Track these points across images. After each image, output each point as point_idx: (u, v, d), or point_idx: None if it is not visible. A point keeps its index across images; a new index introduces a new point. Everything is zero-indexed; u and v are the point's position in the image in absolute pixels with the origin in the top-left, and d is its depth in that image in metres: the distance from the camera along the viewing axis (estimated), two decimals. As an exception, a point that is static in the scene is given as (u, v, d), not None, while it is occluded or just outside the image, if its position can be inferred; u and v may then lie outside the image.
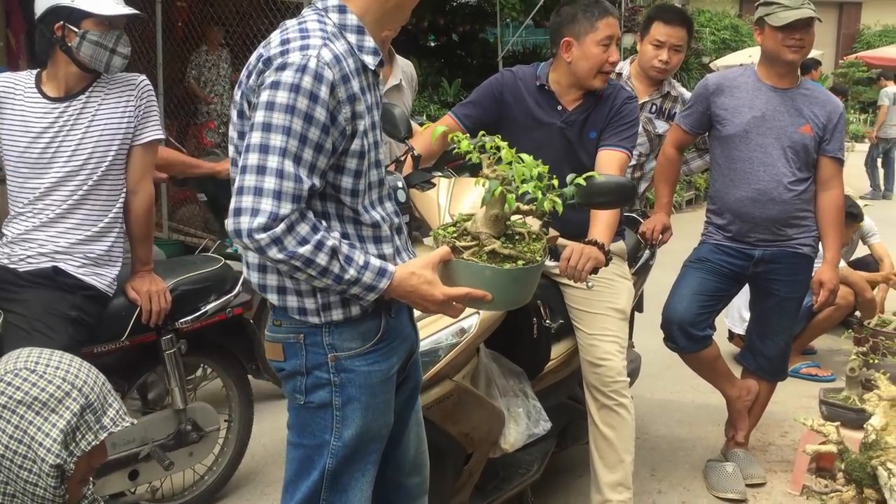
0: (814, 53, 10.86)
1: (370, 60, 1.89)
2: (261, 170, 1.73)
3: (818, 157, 3.41)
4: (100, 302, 2.79)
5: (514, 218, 1.98)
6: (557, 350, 3.08)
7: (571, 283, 2.86)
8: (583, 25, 2.91)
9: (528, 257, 1.90)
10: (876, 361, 3.63)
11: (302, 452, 1.98)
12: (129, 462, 3.00)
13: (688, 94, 3.88)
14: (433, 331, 2.49)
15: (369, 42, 1.89)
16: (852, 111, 20.35)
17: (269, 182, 1.72)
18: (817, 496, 2.11)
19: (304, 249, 1.75)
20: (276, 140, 1.73)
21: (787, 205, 3.40)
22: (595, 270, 2.70)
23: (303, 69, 1.75)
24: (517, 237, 1.96)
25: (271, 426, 3.77)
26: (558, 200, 1.90)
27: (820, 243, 3.50)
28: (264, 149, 1.74)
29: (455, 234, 1.97)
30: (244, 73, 1.88)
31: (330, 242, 1.79)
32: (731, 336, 5.13)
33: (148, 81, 2.91)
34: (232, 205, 1.75)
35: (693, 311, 3.49)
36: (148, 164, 2.88)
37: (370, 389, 1.94)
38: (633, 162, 3.63)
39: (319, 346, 1.91)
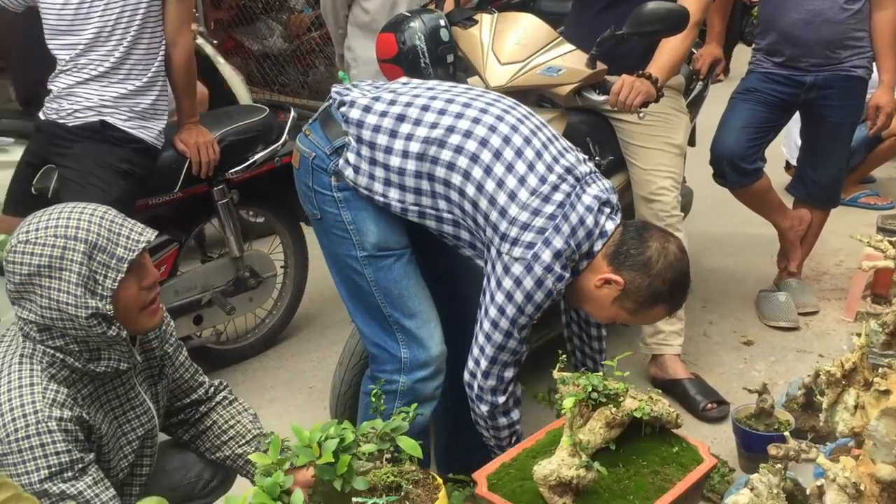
0: None
1: (563, 277, 2.00)
2: (502, 348, 2.01)
3: None
4: (149, 155, 2.82)
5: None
6: (607, 186, 3.04)
7: (625, 117, 2.80)
8: None
9: None
10: (937, 186, 3.54)
11: (347, 283, 2.15)
12: (192, 308, 3.15)
13: None
14: None
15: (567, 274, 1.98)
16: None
17: (505, 356, 2.03)
18: (871, 317, 2.10)
19: (501, 420, 2.10)
20: (520, 324, 1.98)
21: (842, 25, 3.23)
22: (645, 104, 2.63)
23: (540, 274, 1.92)
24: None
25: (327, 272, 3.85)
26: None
27: (875, 65, 3.34)
28: (508, 334, 1.99)
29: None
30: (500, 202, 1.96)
31: (518, 427, 2.13)
32: (788, 166, 5.01)
33: None
34: (475, 352, 2.05)
35: (742, 144, 3.39)
36: (184, 15, 2.83)
37: (375, 201, 2.04)
38: None
39: (325, 168, 2.08)
